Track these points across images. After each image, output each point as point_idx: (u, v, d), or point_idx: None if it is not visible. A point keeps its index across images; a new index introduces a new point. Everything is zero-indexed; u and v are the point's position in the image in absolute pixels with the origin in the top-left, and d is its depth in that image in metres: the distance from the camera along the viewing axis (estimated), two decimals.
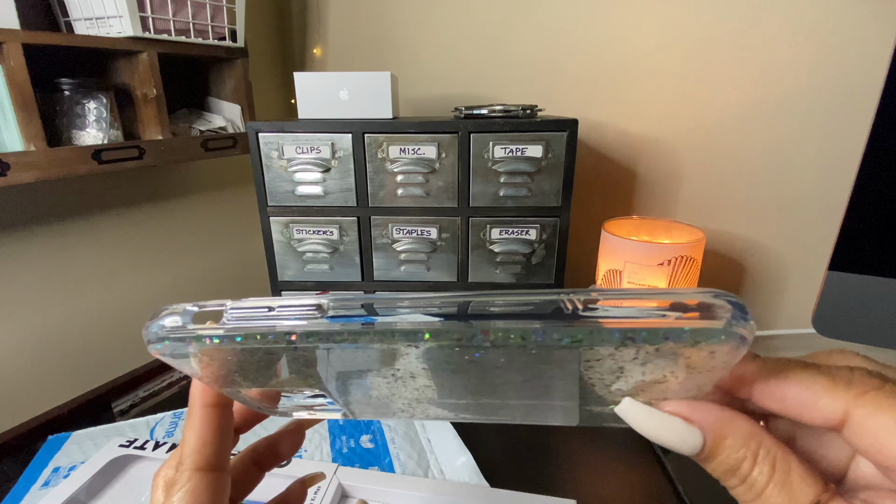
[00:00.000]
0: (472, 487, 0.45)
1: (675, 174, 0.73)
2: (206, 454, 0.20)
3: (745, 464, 0.15)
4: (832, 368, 0.16)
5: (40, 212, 0.65)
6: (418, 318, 0.16)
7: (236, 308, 0.17)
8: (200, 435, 0.20)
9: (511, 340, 0.15)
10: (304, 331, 0.16)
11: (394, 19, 0.86)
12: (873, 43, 0.58)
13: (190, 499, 0.19)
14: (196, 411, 0.20)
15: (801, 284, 0.69)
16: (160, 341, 0.18)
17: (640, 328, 0.14)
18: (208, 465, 0.20)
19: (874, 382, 0.15)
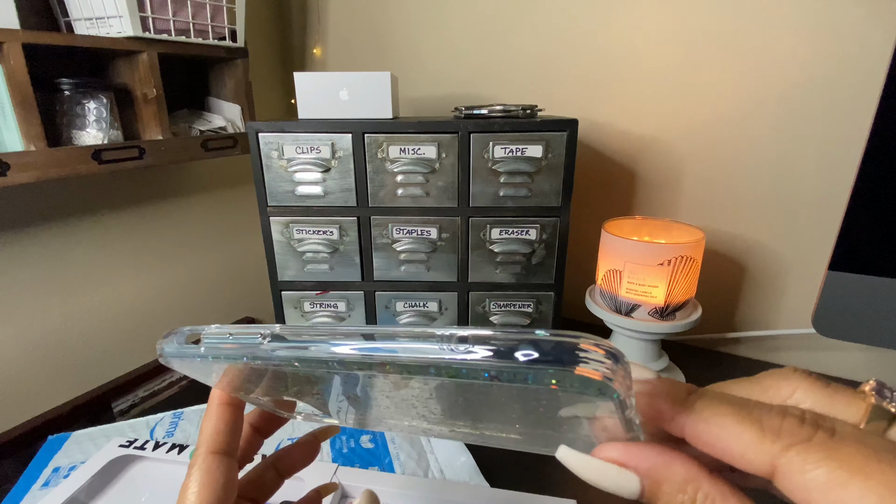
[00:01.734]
0: (472, 487, 0.45)
1: (675, 174, 0.73)
2: (219, 441, 0.23)
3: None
4: (763, 413, 0.15)
5: (40, 212, 0.65)
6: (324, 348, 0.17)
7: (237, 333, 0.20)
8: (215, 425, 0.24)
9: (406, 374, 0.16)
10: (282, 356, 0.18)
11: (394, 19, 0.86)
12: (873, 43, 0.58)
13: (204, 476, 0.22)
14: (213, 408, 0.24)
15: (801, 284, 0.69)
16: (177, 356, 0.21)
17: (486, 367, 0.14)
18: (220, 450, 0.23)
19: (804, 433, 0.14)
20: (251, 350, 0.18)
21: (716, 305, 0.74)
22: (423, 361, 0.15)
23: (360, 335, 0.17)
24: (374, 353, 0.16)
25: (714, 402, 0.15)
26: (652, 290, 0.58)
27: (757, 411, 0.15)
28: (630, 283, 0.59)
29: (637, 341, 0.62)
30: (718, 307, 0.75)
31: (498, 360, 0.14)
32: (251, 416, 0.28)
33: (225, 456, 0.23)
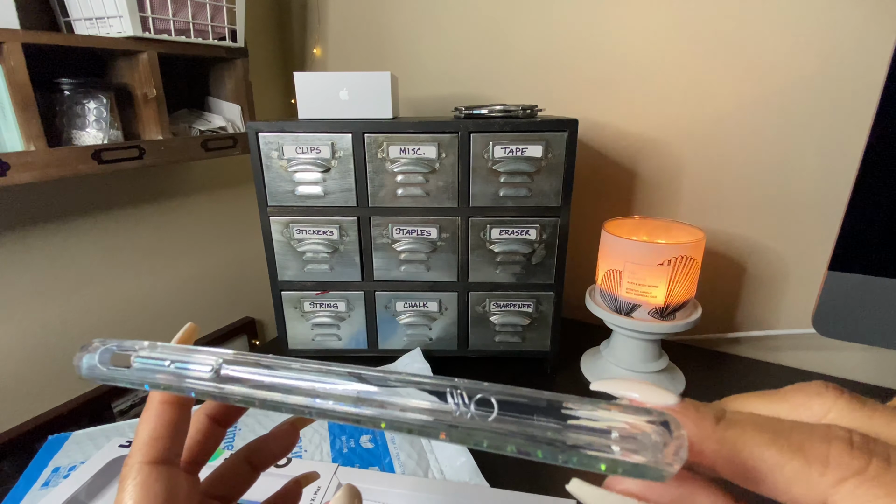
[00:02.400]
0: (472, 487, 0.45)
1: (675, 174, 0.73)
2: (157, 448, 0.20)
3: None
4: (806, 439, 0.13)
5: (40, 212, 0.65)
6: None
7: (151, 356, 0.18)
8: (154, 428, 0.20)
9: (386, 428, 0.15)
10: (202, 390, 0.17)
11: (394, 19, 0.86)
12: (873, 43, 0.58)
13: (139, 492, 0.19)
14: (152, 407, 0.21)
15: (801, 284, 0.69)
16: (101, 378, 0.19)
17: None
18: (158, 459, 0.20)
19: (856, 464, 0.12)
20: (197, 387, 0.17)
21: (716, 305, 0.74)
22: (429, 424, 0.14)
23: (348, 374, 0.16)
24: (365, 412, 0.15)
25: (748, 430, 0.14)
26: (652, 290, 0.58)
27: (797, 436, 0.13)
28: (630, 283, 0.59)
29: (637, 341, 0.62)
30: (718, 307, 0.75)
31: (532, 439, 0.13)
32: (208, 405, 0.25)
33: (164, 465, 0.20)
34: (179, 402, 0.21)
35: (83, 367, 0.19)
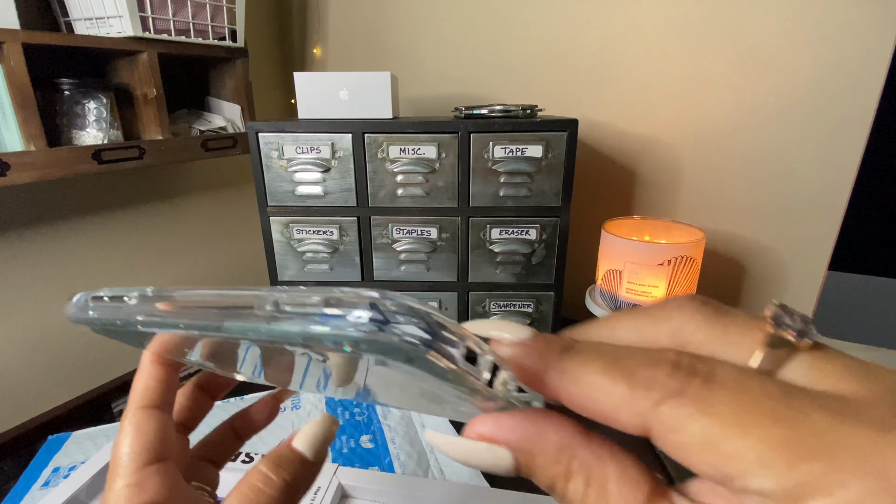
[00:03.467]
0: (472, 487, 0.45)
1: (675, 174, 0.73)
2: (149, 396, 0.23)
3: (559, 482, 0.14)
4: (636, 364, 0.13)
5: (40, 212, 0.65)
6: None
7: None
8: (145, 382, 0.23)
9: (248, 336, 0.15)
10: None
11: (394, 19, 0.86)
12: (873, 43, 0.58)
13: (135, 429, 0.22)
14: (143, 367, 0.23)
15: (801, 284, 0.69)
16: (77, 321, 0.19)
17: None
18: (150, 404, 0.22)
19: (675, 384, 0.12)
20: (120, 313, 0.17)
21: None
22: (240, 329, 0.14)
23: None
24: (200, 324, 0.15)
25: (586, 357, 0.14)
26: (652, 290, 0.58)
27: (629, 362, 0.13)
28: (630, 283, 0.59)
29: None
30: None
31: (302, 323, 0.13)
32: (198, 377, 0.27)
33: (156, 409, 0.23)
34: (167, 363, 0.24)
35: (73, 308, 0.20)
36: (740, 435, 0.11)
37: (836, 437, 0.10)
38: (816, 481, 0.10)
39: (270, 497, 0.20)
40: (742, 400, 0.11)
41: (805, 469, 0.10)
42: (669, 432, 0.12)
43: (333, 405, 0.57)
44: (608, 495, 0.13)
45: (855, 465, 0.10)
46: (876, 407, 0.11)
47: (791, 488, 0.10)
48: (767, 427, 0.11)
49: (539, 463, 0.14)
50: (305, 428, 0.22)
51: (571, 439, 0.14)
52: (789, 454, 0.10)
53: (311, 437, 0.22)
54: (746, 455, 0.11)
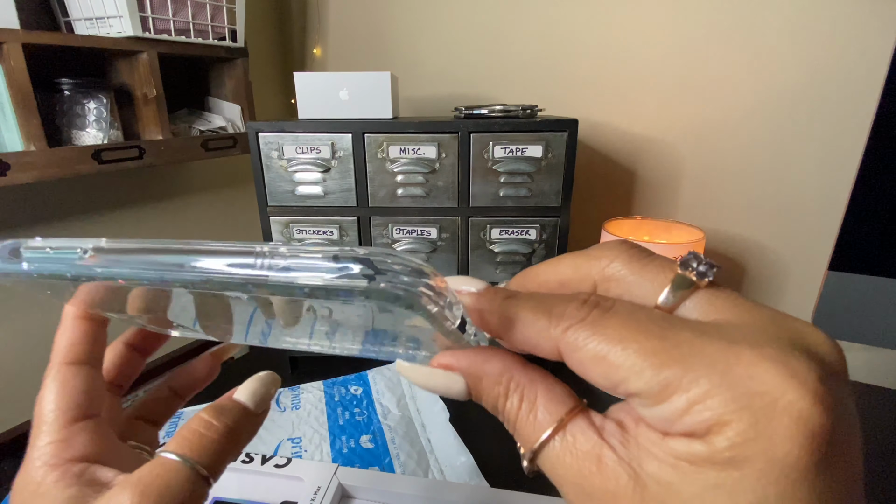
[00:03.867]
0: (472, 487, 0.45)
1: (675, 174, 0.73)
2: (75, 351, 0.21)
3: (500, 400, 0.17)
4: (555, 302, 0.16)
5: (40, 212, 0.65)
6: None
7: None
8: (69, 337, 0.22)
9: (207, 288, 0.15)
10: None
11: (394, 19, 0.86)
12: (873, 43, 0.58)
13: (59, 386, 0.21)
14: (67, 322, 0.22)
15: (801, 284, 0.69)
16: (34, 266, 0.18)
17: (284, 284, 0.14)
18: (76, 360, 0.21)
19: (581, 313, 0.15)
20: (71, 266, 0.17)
21: None
22: (239, 279, 0.15)
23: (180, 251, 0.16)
24: (184, 275, 0.15)
25: (521, 302, 0.16)
26: None
27: (550, 302, 0.16)
28: None
29: None
30: None
31: (312, 273, 0.14)
32: (127, 335, 0.26)
33: (83, 365, 0.21)
34: (93, 317, 0.22)
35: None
36: (622, 349, 0.14)
37: (693, 349, 0.13)
38: (676, 381, 0.13)
39: (212, 441, 0.19)
40: (628, 324, 0.14)
41: (667, 373, 0.13)
42: (573, 351, 0.15)
43: (333, 405, 0.57)
44: (536, 409, 0.16)
45: (705, 368, 0.13)
46: (738, 329, 0.14)
47: (657, 388, 0.13)
48: (642, 342, 0.13)
49: (484, 385, 0.17)
50: (247, 382, 0.22)
51: (511, 366, 0.17)
52: (656, 361, 0.13)
53: (253, 390, 0.22)
54: (625, 364, 0.13)
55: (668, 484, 0.13)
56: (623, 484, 0.14)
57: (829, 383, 0.12)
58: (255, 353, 0.82)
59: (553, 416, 0.15)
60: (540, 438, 0.15)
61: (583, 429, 0.15)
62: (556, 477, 0.15)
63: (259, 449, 0.49)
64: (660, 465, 0.13)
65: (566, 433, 0.15)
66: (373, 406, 0.57)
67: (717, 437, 0.12)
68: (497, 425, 0.17)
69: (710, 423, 0.12)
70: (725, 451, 0.12)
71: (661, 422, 0.13)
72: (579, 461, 0.15)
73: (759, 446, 0.12)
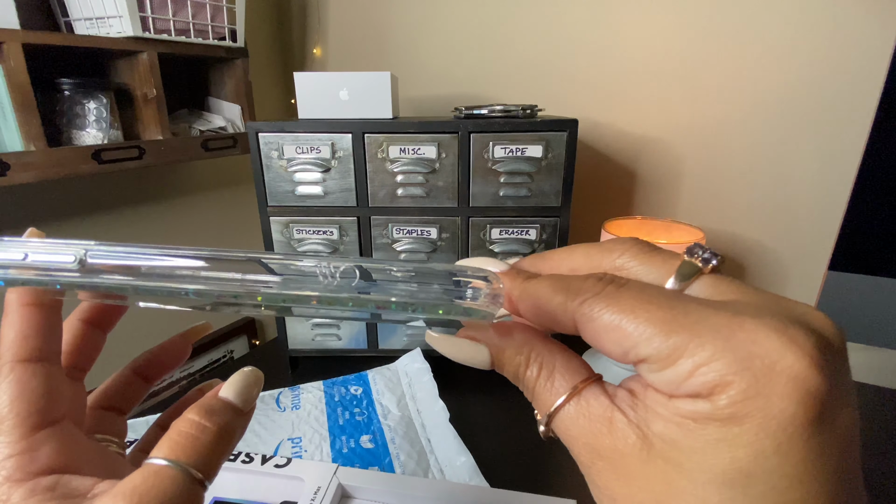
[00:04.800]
0: (472, 487, 0.45)
1: (675, 174, 0.73)
2: (28, 346, 0.19)
3: (521, 368, 0.18)
4: (573, 280, 0.17)
5: (40, 212, 0.65)
6: None
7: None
8: (20, 330, 0.19)
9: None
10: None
11: (394, 19, 0.86)
12: (873, 43, 0.58)
13: (14, 388, 0.18)
14: (13, 310, 0.19)
15: (801, 284, 0.69)
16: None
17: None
18: (32, 357, 0.19)
19: (597, 288, 0.16)
20: (62, 279, 0.16)
21: None
22: (295, 297, 0.16)
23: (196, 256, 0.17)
24: (243, 288, 0.17)
25: (542, 280, 0.18)
26: None
27: (569, 279, 0.17)
28: None
29: None
30: None
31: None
32: (81, 310, 0.23)
33: (39, 363, 0.19)
34: (43, 303, 0.20)
35: None
36: (633, 318, 0.15)
37: (700, 318, 0.14)
38: (683, 346, 0.14)
39: (206, 444, 0.18)
40: (640, 296, 0.15)
41: (675, 339, 0.14)
42: (588, 321, 0.16)
43: (333, 405, 0.57)
44: (554, 377, 0.17)
45: (710, 334, 0.14)
46: (741, 305, 0.15)
47: (665, 352, 0.14)
48: (653, 311, 0.15)
49: (507, 355, 0.18)
50: (231, 379, 0.21)
51: (533, 338, 0.18)
52: (665, 328, 0.14)
53: (239, 387, 0.21)
54: (636, 331, 0.15)
55: (672, 441, 0.14)
56: (631, 443, 0.15)
57: (826, 353, 0.13)
58: (255, 353, 0.82)
59: (569, 383, 0.17)
60: (556, 403, 0.17)
61: (596, 395, 0.16)
62: (568, 438, 0.17)
63: (259, 449, 0.49)
64: (665, 424, 0.14)
65: (580, 398, 0.16)
66: (373, 406, 0.57)
67: (719, 397, 0.13)
68: (497, 426, 0.18)
69: (713, 383, 0.13)
70: (727, 409, 0.13)
71: (668, 384, 0.14)
72: (592, 423, 0.16)
73: (757, 403, 0.13)
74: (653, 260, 0.18)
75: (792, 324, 0.14)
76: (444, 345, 0.20)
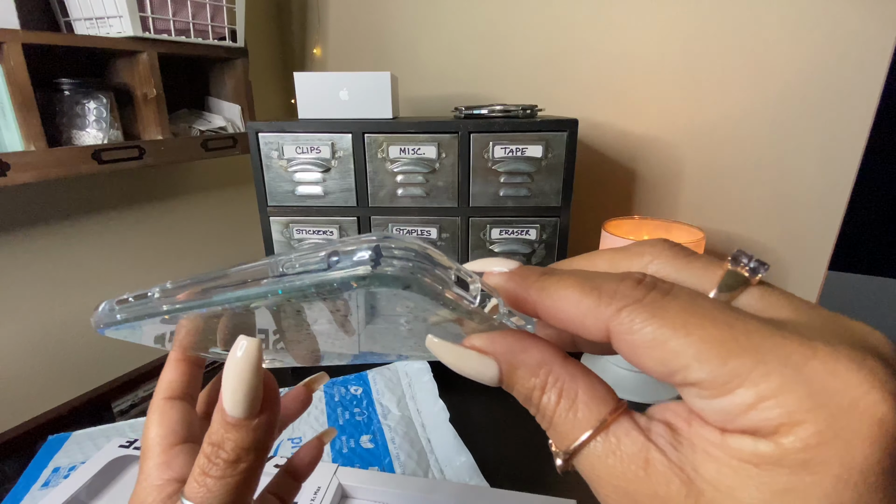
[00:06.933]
0: (472, 487, 0.45)
1: (675, 174, 0.73)
2: (172, 388, 0.25)
3: (535, 393, 0.16)
4: (604, 280, 0.15)
5: (40, 212, 0.65)
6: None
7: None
8: (169, 376, 0.25)
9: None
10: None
11: (394, 19, 0.86)
12: (873, 43, 0.58)
13: (159, 417, 0.24)
14: (170, 362, 0.26)
15: (801, 284, 0.69)
16: (124, 322, 0.20)
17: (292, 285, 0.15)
18: (174, 395, 0.25)
19: (637, 294, 0.14)
20: (147, 309, 0.19)
21: None
22: (256, 294, 0.16)
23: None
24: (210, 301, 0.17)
25: (563, 276, 0.15)
26: None
27: (598, 279, 0.15)
28: None
29: None
30: None
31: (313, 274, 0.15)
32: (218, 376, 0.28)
33: (178, 400, 0.25)
34: (190, 359, 0.26)
35: (99, 315, 0.20)
36: (684, 335, 0.13)
37: (764, 340, 0.12)
38: (744, 373, 0.12)
39: (214, 489, 0.19)
40: (690, 309, 0.13)
41: (736, 363, 0.12)
42: (626, 334, 0.13)
43: (333, 405, 0.57)
44: (576, 407, 0.15)
45: (777, 362, 0.12)
46: (805, 326, 0.13)
47: (721, 378, 0.12)
48: (708, 328, 0.13)
49: (520, 374, 0.16)
50: (225, 385, 0.19)
51: (551, 357, 0.16)
52: (722, 350, 0.12)
53: (235, 395, 0.18)
54: (688, 351, 0.12)
55: (728, 488, 0.12)
56: (675, 489, 0.13)
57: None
58: None
59: (595, 415, 0.14)
60: (580, 438, 0.14)
61: (627, 430, 0.14)
62: (594, 479, 0.15)
63: None
64: (718, 468, 0.12)
65: (609, 434, 0.14)
66: (373, 406, 0.57)
67: (787, 438, 0.11)
68: (497, 426, 0.17)
69: (779, 421, 0.11)
70: (799, 453, 0.11)
71: (721, 415, 0.12)
72: (624, 464, 0.14)
73: (835, 449, 0.11)
74: (691, 267, 0.16)
75: (866, 353, 0.12)
76: (447, 354, 0.17)
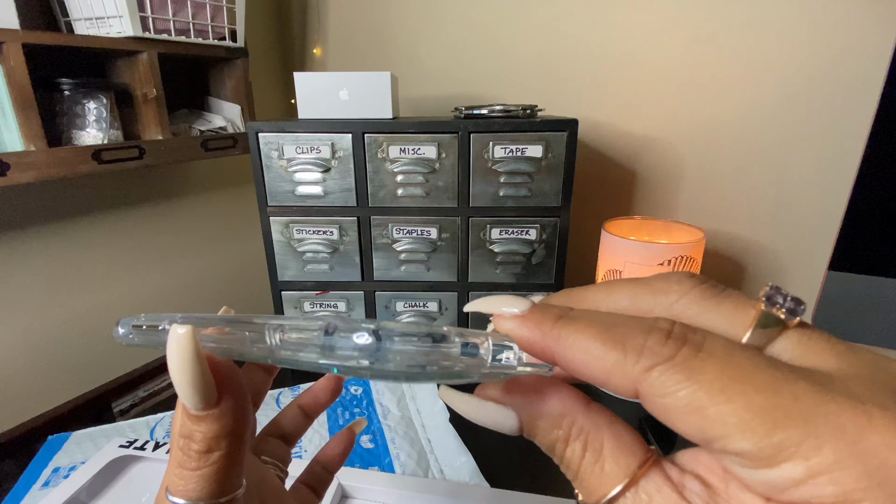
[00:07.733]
0: (472, 487, 0.45)
1: (675, 174, 0.73)
2: None
3: (559, 445, 0.15)
4: (629, 331, 0.13)
5: (40, 212, 0.65)
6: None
7: None
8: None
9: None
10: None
11: (394, 19, 0.86)
12: (873, 43, 0.58)
13: None
14: None
15: (801, 284, 0.69)
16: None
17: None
18: None
19: (667, 351, 0.13)
20: (157, 339, 0.18)
21: None
22: (259, 357, 0.17)
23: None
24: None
25: (581, 325, 0.14)
26: None
27: (622, 329, 0.14)
28: None
29: None
30: None
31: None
32: None
33: None
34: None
35: (120, 334, 0.20)
36: (724, 401, 0.11)
37: (814, 407, 0.11)
38: (794, 445, 0.11)
39: (190, 476, 0.17)
40: (728, 369, 0.12)
41: (783, 434, 0.11)
42: (658, 396, 0.12)
43: (333, 405, 0.57)
44: (603, 460, 0.14)
45: (830, 433, 0.11)
46: (854, 382, 0.12)
47: (768, 450, 0.11)
48: (750, 394, 0.11)
49: (541, 426, 0.15)
50: (172, 379, 0.17)
51: (573, 407, 0.15)
52: (768, 420, 0.11)
53: (182, 388, 0.17)
54: (729, 420, 0.11)
55: None
56: None
57: None
58: None
59: (623, 469, 0.14)
60: (609, 494, 0.14)
61: (659, 486, 0.13)
62: None
63: None
64: None
65: (639, 490, 0.13)
66: (373, 406, 0.57)
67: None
68: None
69: (834, 498, 0.10)
70: None
71: (766, 487, 0.12)
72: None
73: None
74: (721, 308, 0.14)
75: None
76: (463, 405, 0.17)
